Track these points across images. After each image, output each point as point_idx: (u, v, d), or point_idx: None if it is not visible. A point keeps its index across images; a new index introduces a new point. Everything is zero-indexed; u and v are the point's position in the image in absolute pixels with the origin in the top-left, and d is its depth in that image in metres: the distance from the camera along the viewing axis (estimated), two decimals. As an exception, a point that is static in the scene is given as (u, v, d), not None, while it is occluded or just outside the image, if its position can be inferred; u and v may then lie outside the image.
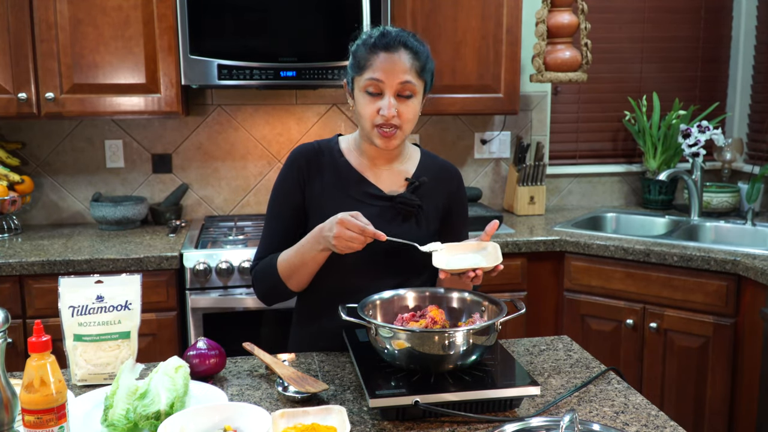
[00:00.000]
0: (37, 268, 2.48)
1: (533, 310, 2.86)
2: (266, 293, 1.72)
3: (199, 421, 1.21)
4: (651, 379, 2.70)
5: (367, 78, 1.58)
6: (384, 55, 1.57)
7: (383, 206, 1.69)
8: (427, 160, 1.78)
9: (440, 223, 1.76)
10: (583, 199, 3.57)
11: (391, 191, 1.71)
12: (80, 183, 3.12)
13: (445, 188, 1.76)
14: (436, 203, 1.74)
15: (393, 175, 1.73)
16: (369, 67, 1.58)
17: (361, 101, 1.61)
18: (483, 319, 1.46)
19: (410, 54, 1.59)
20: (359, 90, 1.61)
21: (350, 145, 1.75)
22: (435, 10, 2.89)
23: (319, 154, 1.72)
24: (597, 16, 3.41)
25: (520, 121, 3.42)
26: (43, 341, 1.12)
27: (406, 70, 1.58)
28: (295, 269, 1.63)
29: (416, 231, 1.69)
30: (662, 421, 1.32)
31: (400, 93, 1.59)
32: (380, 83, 1.57)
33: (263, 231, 1.76)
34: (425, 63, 1.62)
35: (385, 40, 1.59)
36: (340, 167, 1.71)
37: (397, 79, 1.57)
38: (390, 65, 1.57)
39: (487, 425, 1.29)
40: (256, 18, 2.71)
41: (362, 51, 1.61)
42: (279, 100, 3.19)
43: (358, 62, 1.61)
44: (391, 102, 1.58)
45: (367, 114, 1.60)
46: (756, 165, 3.37)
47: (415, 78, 1.59)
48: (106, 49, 2.69)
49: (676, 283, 2.61)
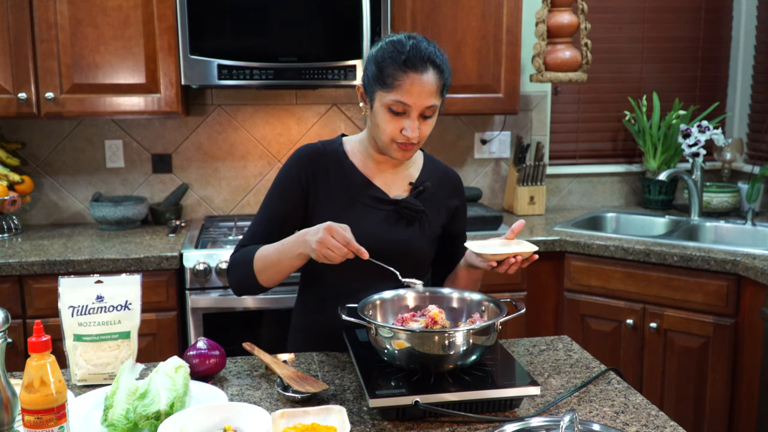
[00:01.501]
0: (37, 268, 2.48)
1: (533, 310, 2.86)
2: (237, 282, 1.70)
3: (199, 421, 1.21)
4: (651, 379, 2.70)
5: (394, 99, 1.55)
6: (413, 77, 1.53)
7: (388, 210, 1.69)
8: (430, 165, 1.79)
9: (441, 228, 1.76)
10: (583, 199, 3.57)
11: (396, 195, 1.71)
12: (80, 183, 3.12)
13: (447, 194, 1.77)
14: (439, 208, 1.75)
15: (397, 179, 1.73)
16: (397, 87, 1.54)
17: (382, 117, 1.58)
18: (483, 319, 1.46)
19: (437, 73, 1.56)
20: (382, 105, 1.58)
21: (355, 147, 1.74)
22: (435, 10, 2.89)
23: (323, 156, 1.71)
24: (597, 16, 3.41)
25: (520, 121, 3.42)
26: (43, 341, 1.12)
27: (432, 93, 1.55)
28: (270, 265, 1.62)
29: (419, 235, 1.69)
30: (662, 421, 1.32)
31: (424, 114, 1.58)
32: (407, 107, 1.55)
33: (253, 220, 1.74)
34: (447, 78, 1.60)
35: (416, 59, 1.54)
36: (345, 169, 1.70)
37: (424, 103, 1.55)
38: (419, 89, 1.54)
39: (487, 425, 1.29)
40: (256, 18, 2.71)
41: (391, 67, 1.55)
42: (279, 100, 3.19)
43: (384, 79, 1.55)
44: (415, 124, 1.56)
45: (389, 131, 1.58)
46: (756, 165, 3.37)
47: (438, 98, 1.58)
48: (106, 49, 2.69)
49: (676, 283, 2.61)
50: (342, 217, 1.59)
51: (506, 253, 1.52)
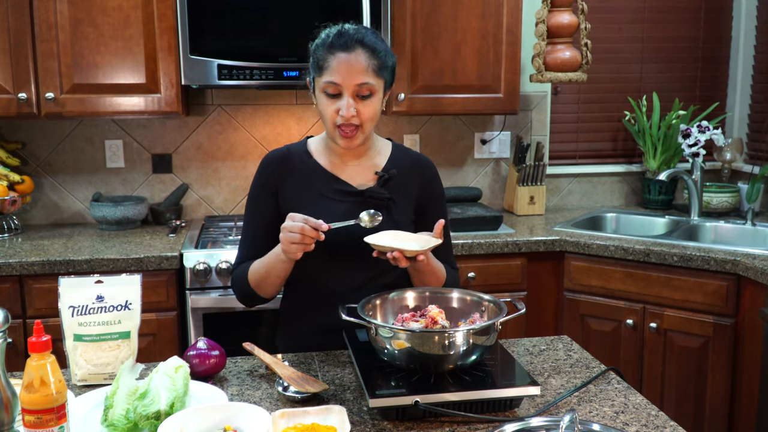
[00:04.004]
0: (37, 268, 2.48)
1: (533, 310, 2.86)
2: (243, 298, 1.76)
3: (199, 421, 1.21)
4: (651, 379, 2.70)
5: (326, 80, 1.59)
6: (341, 56, 1.57)
7: (354, 201, 1.69)
8: (398, 153, 1.78)
9: (415, 214, 1.75)
10: (583, 199, 3.57)
11: (361, 185, 1.71)
12: (80, 183, 3.12)
13: (417, 179, 1.76)
14: (407, 195, 1.74)
15: (363, 170, 1.73)
16: (327, 69, 1.58)
17: (321, 102, 1.63)
18: (483, 319, 1.46)
19: (367, 53, 1.58)
20: (319, 91, 1.62)
21: (319, 145, 1.77)
22: (435, 10, 2.89)
23: (287, 158, 1.74)
24: (597, 16, 3.41)
25: (520, 121, 3.42)
26: (43, 341, 1.12)
27: (363, 71, 1.57)
28: (262, 279, 1.66)
29: (389, 224, 1.67)
30: (662, 421, 1.32)
31: (359, 93, 1.59)
32: (338, 86, 1.58)
33: (241, 236, 1.78)
34: (384, 60, 1.61)
35: (342, 40, 1.59)
36: (308, 167, 1.72)
37: (354, 80, 1.57)
38: (346, 66, 1.57)
39: (487, 425, 1.29)
40: (256, 18, 2.71)
41: (321, 51, 1.61)
42: (279, 100, 3.19)
43: (317, 62, 1.61)
44: (349, 102, 1.58)
45: (328, 114, 1.61)
46: (756, 165, 3.37)
47: (373, 78, 1.59)
48: (106, 49, 2.69)
49: (676, 283, 2.61)
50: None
51: (386, 246, 1.49)
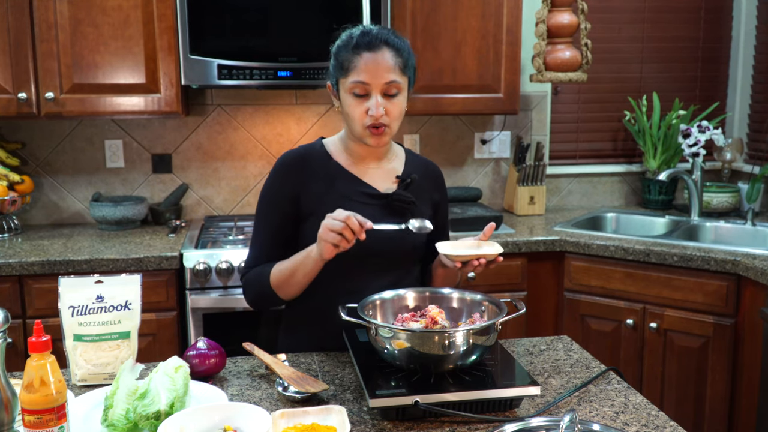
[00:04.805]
0: (37, 268, 2.48)
1: (533, 310, 2.86)
2: (256, 300, 1.73)
3: (199, 421, 1.21)
4: (651, 379, 2.70)
5: (353, 80, 1.59)
6: (366, 56, 1.58)
7: (379, 204, 1.70)
8: (412, 158, 1.81)
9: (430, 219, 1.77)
10: (583, 199, 3.57)
11: (385, 189, 1.72)
12: (80, 183, 3.12)
13: (431, 184, 1.80)
14: (426, 199, 1.77)
15: (383, 173, 1.74)
16: (353, 69, 1.59)
17: (348, 103, 1.62)
18: (483, 319, 1.46)
19: (393, 52, 1.60)
20: (345, 92, 1.62)
21: (337, 146, 1.75)
22: (435, 10, 2.89)
23: (307, 159, 1.72)
24: (597, 16, 3.41)
25: (520, 121, 3.42)
26: (43, 341, 1.12)
27: (390, 69, 1.58)
28: (287, 279, 1.64)
29: None
30: (662, 421, 1.32)
31: (386, 92, 1.60)
32: (366, 85, 1.58)
33: (252, 239, 1.76)
34: (407, 59, 1.63)
35: (367, 39, 1.59)
36: (331, 170, 1.71)
37: (382, 79, 1.58)
38: (374, 66, 1.58)
39: (487, 425, 1.29)
40: (256, 18, 2.71)
41: (345, 52, 1.61)
42: (279, 100, 3.19)
43: (341, 64, 1.61)
44: (378, 101, 1.59)
45: (356, 115, 1.61)
46: (756, 165, 3.37)
47: (399, 76, 1.60)
48: (106, 49, 2.69)
49: (676, 283, 2.61)
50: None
51: (470, 255, 1.54)
